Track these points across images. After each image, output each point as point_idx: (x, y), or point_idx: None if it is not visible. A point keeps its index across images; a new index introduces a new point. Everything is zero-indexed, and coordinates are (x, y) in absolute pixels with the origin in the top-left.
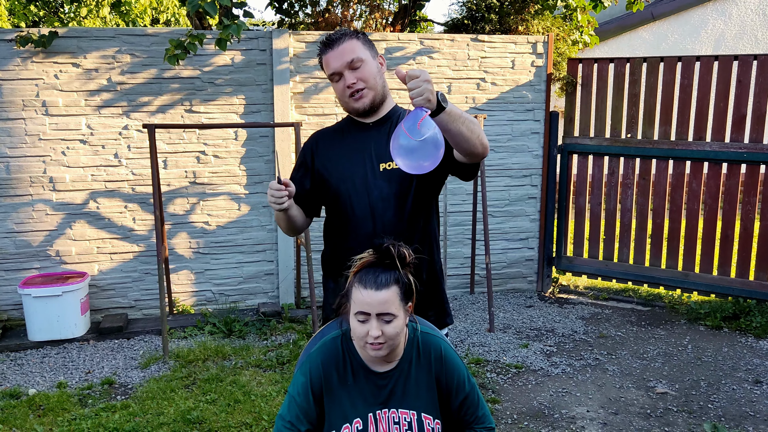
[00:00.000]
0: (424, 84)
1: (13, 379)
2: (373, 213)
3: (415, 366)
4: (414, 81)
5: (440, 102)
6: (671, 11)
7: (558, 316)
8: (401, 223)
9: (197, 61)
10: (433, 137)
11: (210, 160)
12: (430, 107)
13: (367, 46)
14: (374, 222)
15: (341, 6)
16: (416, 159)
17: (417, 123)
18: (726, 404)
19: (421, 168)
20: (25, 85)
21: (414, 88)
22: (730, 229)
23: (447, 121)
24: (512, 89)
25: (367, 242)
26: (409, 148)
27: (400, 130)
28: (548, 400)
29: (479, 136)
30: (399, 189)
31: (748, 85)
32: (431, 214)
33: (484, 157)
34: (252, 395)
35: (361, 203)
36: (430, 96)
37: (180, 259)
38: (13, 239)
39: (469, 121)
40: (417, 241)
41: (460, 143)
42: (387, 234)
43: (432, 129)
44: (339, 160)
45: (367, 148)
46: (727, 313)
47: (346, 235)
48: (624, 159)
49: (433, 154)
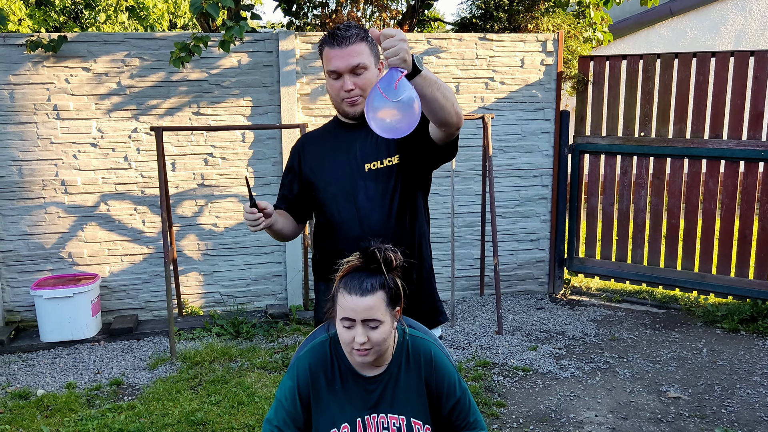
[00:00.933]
0: (399, 43)
1: (24, 380)
2: (360, 214)
3: (404, 370)
4: (389, 40)
5: (416, 65)
6: (690, 7)
7: (569, 318)
8: (388, 222)
9: (204, 64)
10: (409, 98)
11: (218, 162)
12: (405, 68)
13: (373, 51)
14: (361, 223)
15: (349, 6)
16: (393, 122)
17: (393, 84)
18: (740, 409)
19: (396, 131)
20: (37, 89)
21: (389, 47)
22: (748, 229)
23: (422, 85)
24: (522, 88)
25: (355, 244)
26: (385, 110)
27: (375, 91)
28: (555, 404)
29: (454, 104)
30: (384, 188)
31: (765, 81)
32: (418, 211)
33: (458, 128)
34: (256, 397)
35: (348, 205)
36: (405, 56)
37: (188, 260)
38: (26, 241)
39: (444, 88)
40: (405, 239)
41: (435, 111)
42: (374, 235)
43: (408, 90)
44: (325, 163)
45: (353, 149)
46: (745, 316)
47: (334, 237)
48: (637, 158)
49: (410, 115)
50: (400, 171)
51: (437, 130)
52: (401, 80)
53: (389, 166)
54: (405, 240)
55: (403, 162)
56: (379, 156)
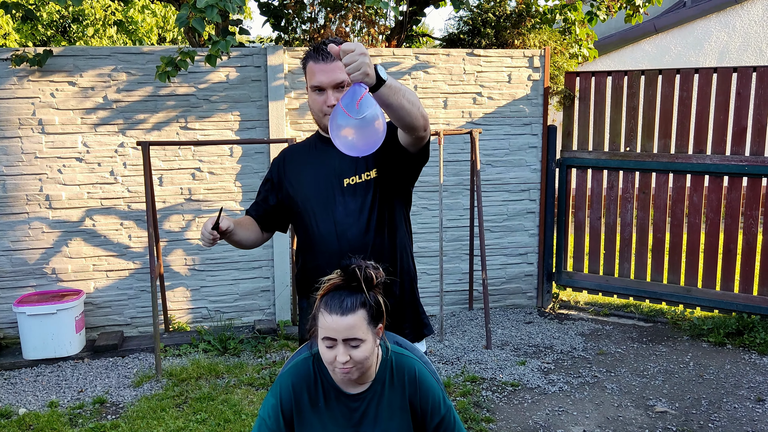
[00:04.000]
0: (360, 57)
1: (6, 399)
2: (338, 229)
3: (388, 388)
4: (349, 55)
5: (380, 75)
6: (674, 23)
7: (557, 332)
8: (366, 236)
9: (192, 78)
10: (372, 115)
11: (205, 177)
12: (368, 82)
13: None
14: (339, 238)
15: (338, 21)
16: (356, 139)
17: (356, 101)
18: (727, 423)
19: (360, 150)
20: (22, 103)
21: (350, 62)
22: (733, 243)
23: (388, 94)
24: (509, 103)
25: (334, 260)
26: (348, 128)
27: (338, 108)
28: (544, 419)
29: (419, 107)
30: (362, 202)
31: (748, 97)
32: (398, 224)
33: (425, 129)
34: (243, 414)
35: (326, 220)
36: (368, 70)
37: (175, 276)
38: (10, 257)
39: (409, 93)
40: (385, 253)
41: (402, 117)
42: (353, 249)
43: (372, 107)
44: (304, 178)
45: (331, 164)
46: (731, 329)
47: (314, 253)
48: (623, 172)
49: (374, 133)
50: (378, 185)
51: (406, 135)
52: (365, 97)
53: (367, 180)
54: (385, 254)
55: (381, 176)
56: (357, 171)
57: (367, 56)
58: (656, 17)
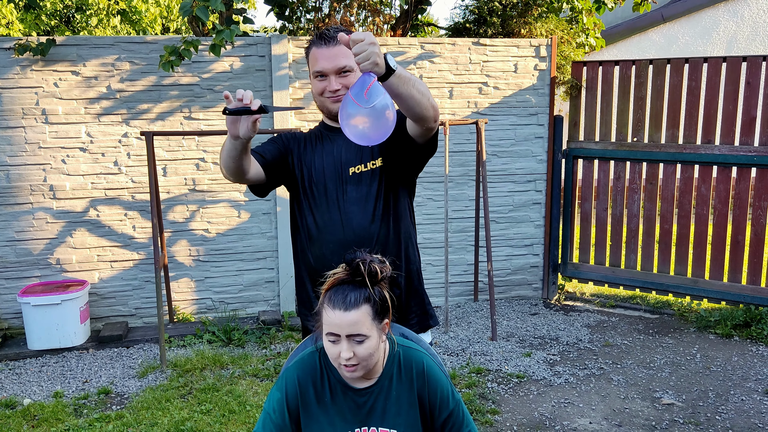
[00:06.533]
0: (369, 47)
1: (11, 389)
2: (343, 218)
3: (396, 382)
4: (359, 45)
5: (389, 65)
6: (682, 12)
7: (563, 324)
8: (372, 225)
9: (196, 68)
10: (382, 104)
11: (209, 167)
12: (378, 71)
13: None
14: (343, 227)
15: (343, 11)
16: (367, 128)
17: (364, 90)
18: (734, 416)
19: (370, 139)
20: (25, 93)
21: (359, 52)
22: (741, 235)
23: (398, 84)
24: (515, 93)
25: (338, 248)
26: (358, 117)
27: (347, 98)
28: (550, 411)
29: (429, 98)
30: (368, 191)
31: (757, 87)
32: (403, 214)
33: (435, 120)
34: (247, 405)
35: (331, 209)
36: (377, 59)
37: (180, 266)
38: (14, 248)
39: (419, 83)
40: (390, 242)
41: (412, 107)
42: (358, 238)
43: (381, 96)
44: (312, 164)
45: (337, 152)
46: (738, 321)
47: (318, 242)
48: (630, 163)
49: (384, 122)
50: (383, 174)
51: (415, 126)
52: (373, 86)
53: (373, 169)
54: (390, 243)
55: (387, 165)
56: (363, 159)
57: (377, 46)
58: (664, 6)
